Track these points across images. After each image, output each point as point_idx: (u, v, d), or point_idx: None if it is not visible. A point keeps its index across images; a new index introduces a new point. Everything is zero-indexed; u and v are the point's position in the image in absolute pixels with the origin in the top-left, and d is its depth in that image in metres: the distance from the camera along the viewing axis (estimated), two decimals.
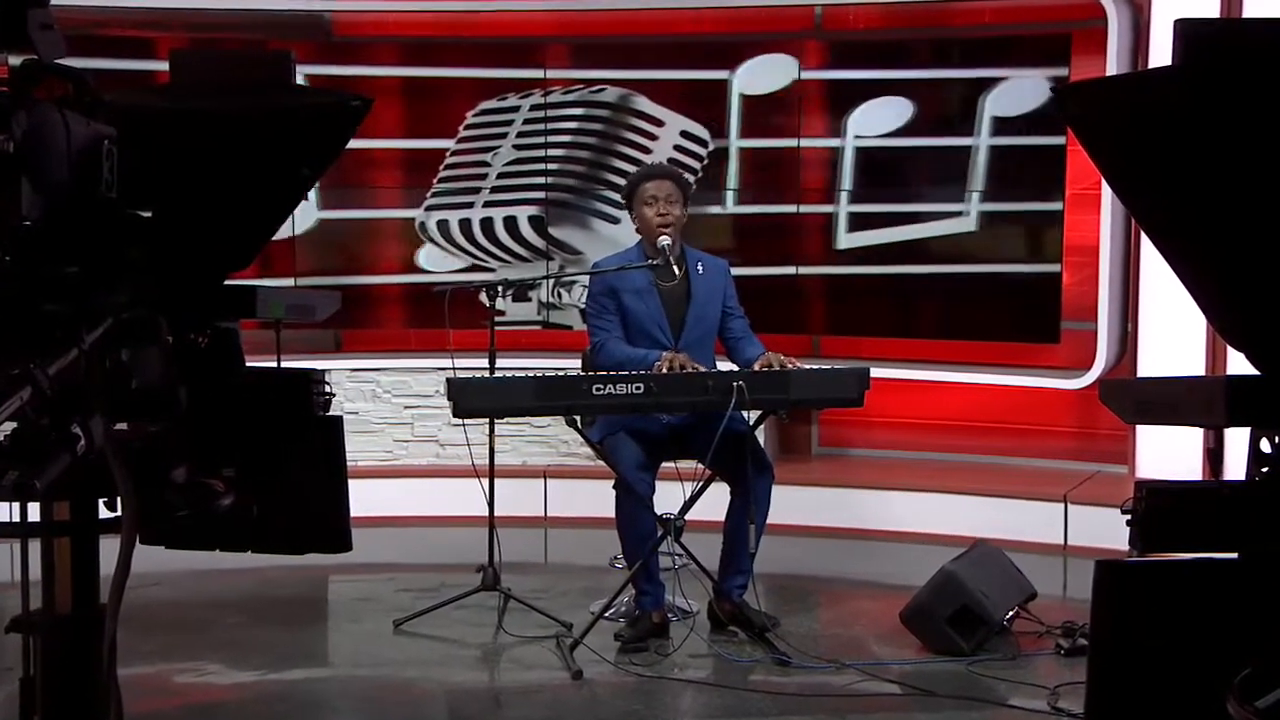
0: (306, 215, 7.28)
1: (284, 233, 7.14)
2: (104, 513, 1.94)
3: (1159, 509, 2.18)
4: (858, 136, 7.14)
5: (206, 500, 1.97)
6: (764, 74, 7.29)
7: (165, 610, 5.08)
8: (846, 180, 7.20)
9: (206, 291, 2.00)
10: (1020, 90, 6.83)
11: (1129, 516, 2.19)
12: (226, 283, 2.04)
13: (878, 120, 7.11)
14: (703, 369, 4.69)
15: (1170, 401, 2.38)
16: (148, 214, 1.89)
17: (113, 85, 1.94)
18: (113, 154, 1.78)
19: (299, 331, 6.72)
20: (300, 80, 2.10)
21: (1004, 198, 6.98)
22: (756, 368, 4.69)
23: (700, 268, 5.02)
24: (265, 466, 2.05)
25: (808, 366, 4.74)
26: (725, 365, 4.99)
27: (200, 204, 1.98)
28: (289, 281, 7.10)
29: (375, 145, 7.33)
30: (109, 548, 1.85)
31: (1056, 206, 6.78)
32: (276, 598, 5.39)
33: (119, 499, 1.77)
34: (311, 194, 6.50)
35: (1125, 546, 2.25)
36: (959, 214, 7.03)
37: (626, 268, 4.91)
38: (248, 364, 2.06)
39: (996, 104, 6.91)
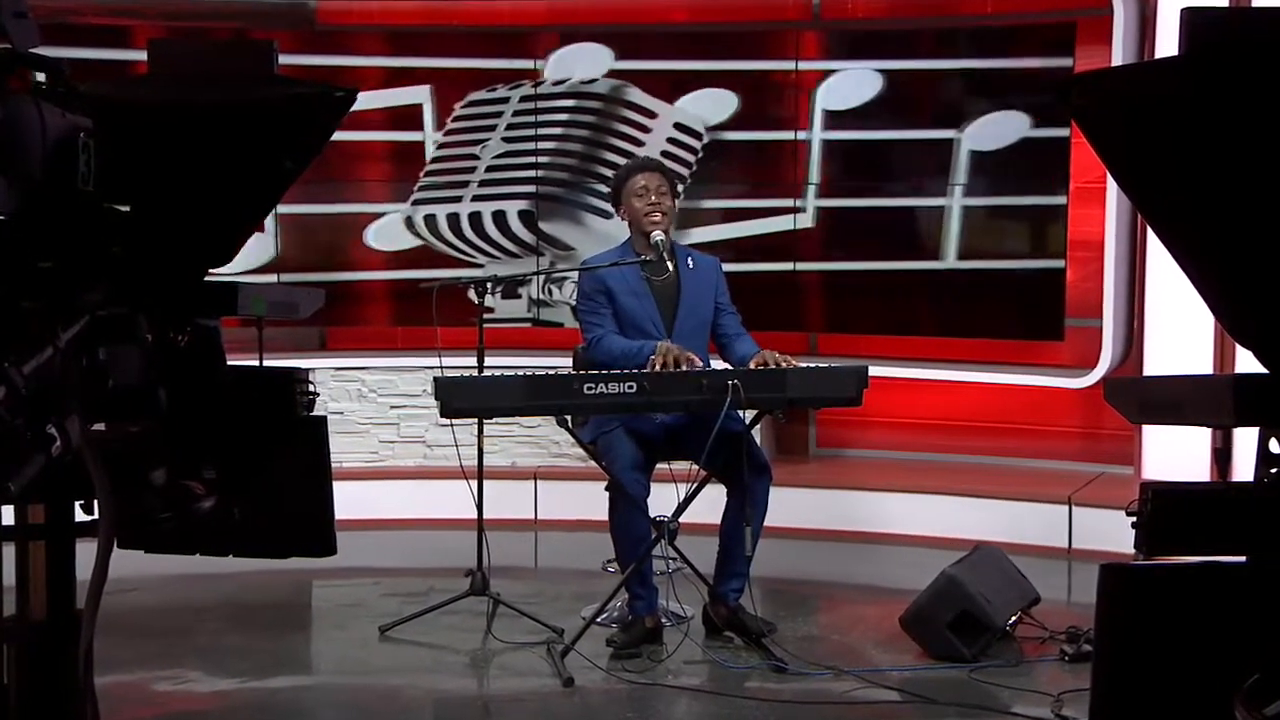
0: None
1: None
2: (80, 516, 1.94)
3: (1165, 511, 2.16)
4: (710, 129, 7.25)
5: (186, 503, 1.98)
6: (575, 63, 7.35)
7: (144, 616, 5.02)
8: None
9: (187, 288, 1.99)
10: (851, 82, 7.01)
11: (1134, 519, 2.17)
12: (207, 279, 2.02)
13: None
14: (697, 358, 4.64)
15: (1177, 401, 2.37)
16: (126, 208, 1.88)
17: (89, 75, 1.91)
18: (89, 146, 1.77)
19: (282, 329, 6.71)
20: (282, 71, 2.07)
21: (841, 193, 7.15)
22: (752, 366, 4.65)
23: (690, 263, 4.98)
24: (247, 468, 2.06)
25: (805, 365, 4.70)
26: (720, 364, 4.95)
27: (180, 198, 1.98)
28: (271, 278, 7.04)
29: (359, 138, 7.30)
30: (86, 552, 1.84)
31: (902, 202, 7.08)
32: (259, 603, 5.33)
33: (96, 501, 1.77)
34: None
35: (1131, 550, 2.24)
36: (797, 210, 7.17)
37: (620, 263, 4.86)
38: (229, 363, 2.05)
39: (827, 98, 7.08)
